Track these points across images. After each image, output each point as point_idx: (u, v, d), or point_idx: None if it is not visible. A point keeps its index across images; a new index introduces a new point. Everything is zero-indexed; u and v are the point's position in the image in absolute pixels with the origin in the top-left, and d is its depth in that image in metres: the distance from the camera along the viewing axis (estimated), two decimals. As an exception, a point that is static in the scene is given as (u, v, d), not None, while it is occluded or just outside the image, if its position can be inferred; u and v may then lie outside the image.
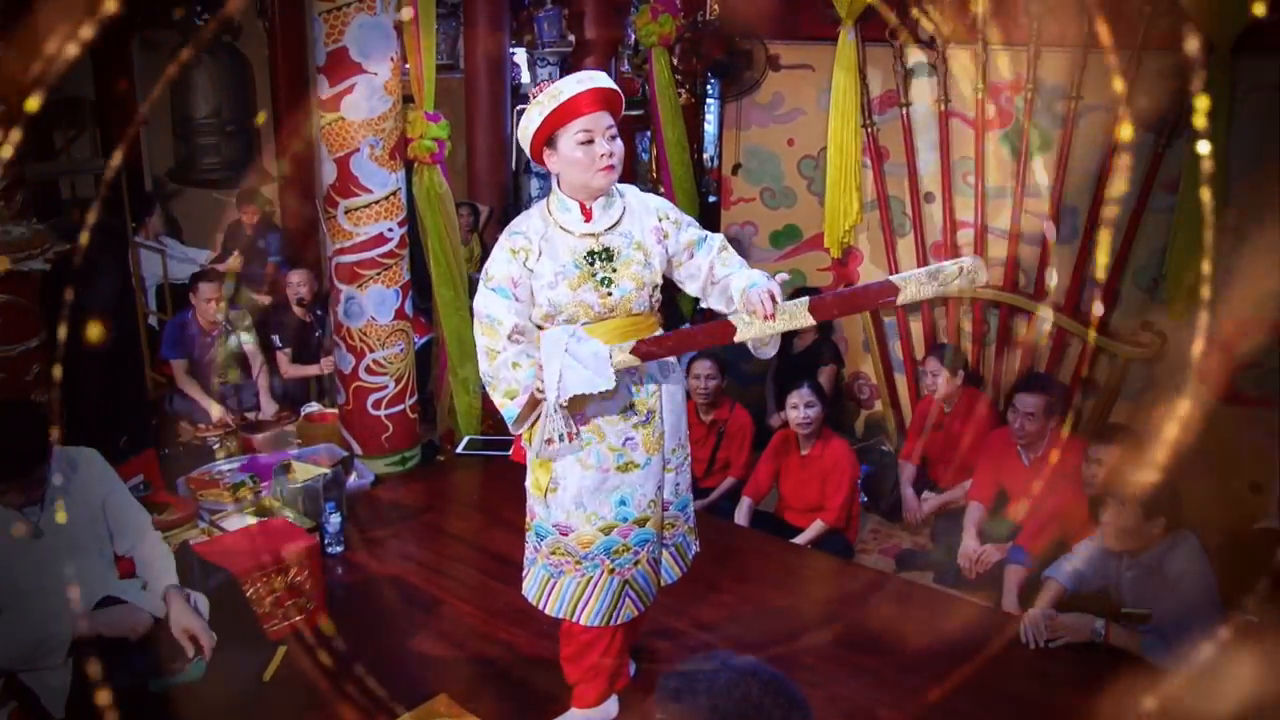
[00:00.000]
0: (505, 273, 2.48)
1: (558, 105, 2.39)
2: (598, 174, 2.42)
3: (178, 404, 5.05)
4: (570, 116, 2.39)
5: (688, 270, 2.60)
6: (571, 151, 2.42)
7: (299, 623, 3.32)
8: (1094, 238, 4.71)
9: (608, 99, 2.42)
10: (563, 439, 2.46)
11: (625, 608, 2.63)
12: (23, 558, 2.57)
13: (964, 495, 4.29)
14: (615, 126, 2.45)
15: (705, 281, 2.58)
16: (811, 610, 3.59)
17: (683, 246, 2.58)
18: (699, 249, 2.58)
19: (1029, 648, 3.19)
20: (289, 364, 5.47)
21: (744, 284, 2.41)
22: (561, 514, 2.58)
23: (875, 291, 2.37)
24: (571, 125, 2.40)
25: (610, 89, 2.43)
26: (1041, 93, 4.74)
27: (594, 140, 2.40)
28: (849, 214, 5.31)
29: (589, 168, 2.42)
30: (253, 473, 4.38)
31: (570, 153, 2.42)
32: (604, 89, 2.41)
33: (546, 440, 2.46)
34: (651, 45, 5.97)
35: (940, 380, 4.46)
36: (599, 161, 2.41)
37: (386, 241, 4.46)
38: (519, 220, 2.55)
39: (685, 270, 2.61)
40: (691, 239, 2.59)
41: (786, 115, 5.61)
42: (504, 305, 2.47)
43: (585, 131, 2.40)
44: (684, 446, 2.73)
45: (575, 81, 2.41)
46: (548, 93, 2.41)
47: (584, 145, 2.40)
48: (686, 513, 2.79)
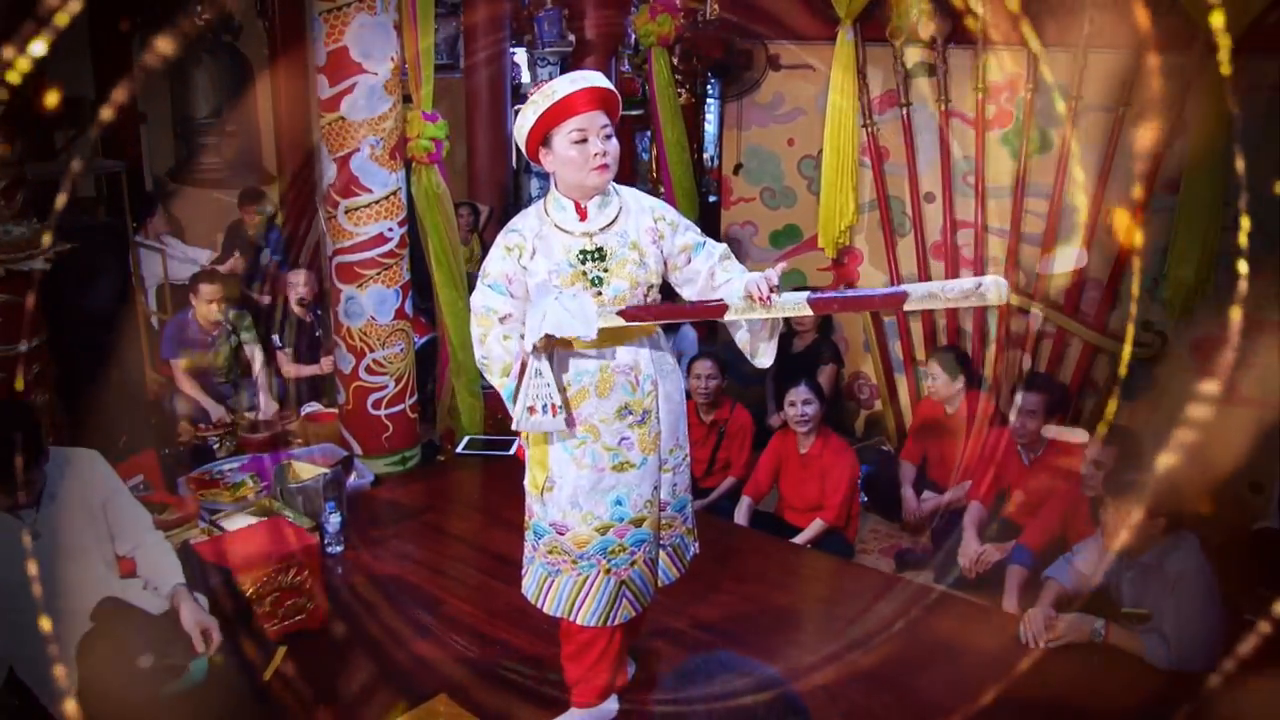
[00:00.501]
0: (500, 269, 2.50)
1: (551, 104, 2.39)
2: (591, 173, 2.43)
3: (178, 403, 5.05)
4: (564, 116, 2.40)
5: (685, 274, 2.60)
6: (566, 150, 2.43)
7: (299, 622, 3.32)
8: (1095, 238, 4.71)
9: (603, 99, 2.43)
10: (546, 410, 2.42)
11: (622, 608, 2.62)
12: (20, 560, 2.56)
13: (964, 495, 4.29)
14: (611, 126, 2.45)
15: (704, 287, 2.58)
16: (811, 610, 3.60)
17: (679, 249, 2.58)
18: (696, 253, 2.59)
19: (1029, 648, 3.19)
20: (289, 364, 5.47)
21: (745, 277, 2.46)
22: (558, 513, 2.58)
23: (882, 298, 2.38)
24: (566, 124, 2.41)
25: (605, 89, 2.43)
26: (1041, 92, 4.74)
27: (588, 139, 2.41)
28: (845, 214, 5.31)
29: (583, 167, 2.43)
30: (253, 472, 4.39)
31: (564, 151, 2.43)
32: (599, 88, 2.42)
33: (529, 408, 2.42)
34: (651, 45, 5.97)
35: (940, 384, 4.47)
36: (593, 160, 2.42)
37: (386, 241, 4.46)
38: (516, 219, 2.57)
39: (683, 274, 2.61)
40: (689, 242, 2.59)
41: (787, 115, 5.61)
42: (499, 300, 2.50)
43: (579, 131, 2.40)
44: (682, 447, 2.72)
45: (569, 81, 2.42)
46: (542, 92, 2.43)
47: (578, 144, 2.41)
48: (684, 514, 2.78)
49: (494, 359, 2.51)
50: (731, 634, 3.37)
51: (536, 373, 2.40)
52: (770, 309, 2.38)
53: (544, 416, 2.43)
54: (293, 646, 3.20)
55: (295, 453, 4.52)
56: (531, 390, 2.41)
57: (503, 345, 2.49)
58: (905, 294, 2.28)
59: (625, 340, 2.53)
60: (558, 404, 2.43)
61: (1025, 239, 4.92)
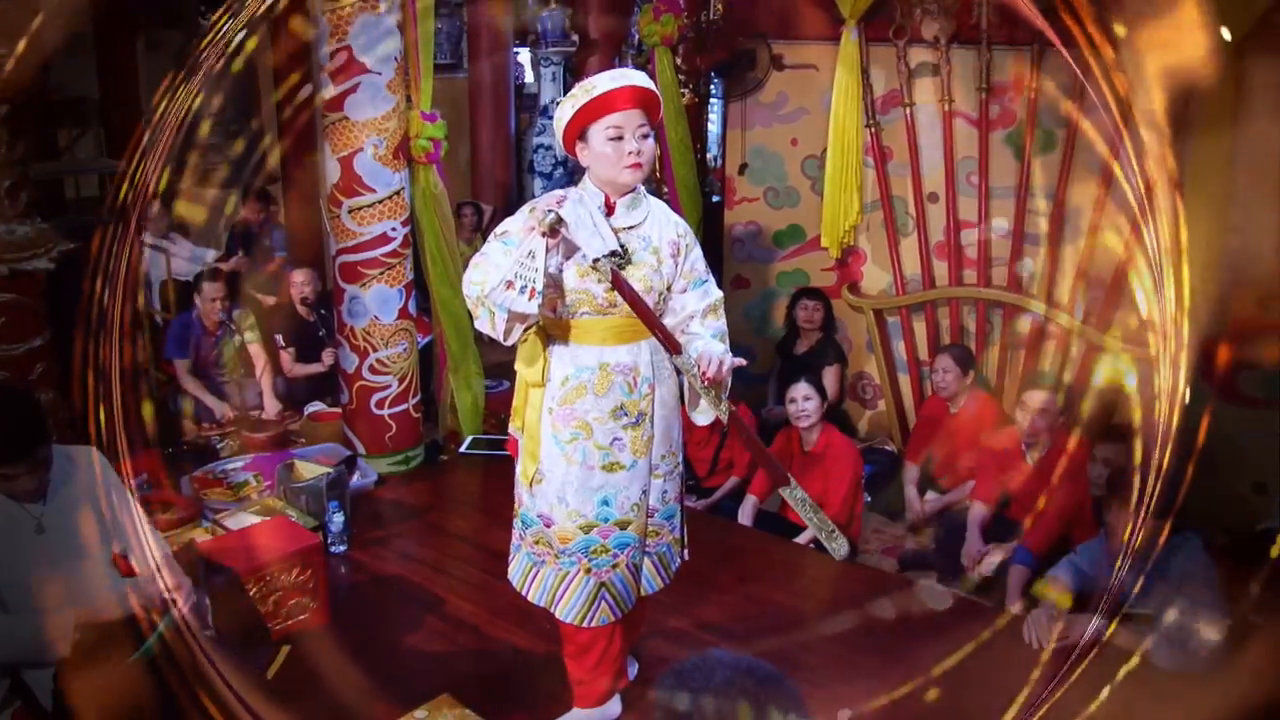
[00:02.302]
0: (519, 225, 2.45)
1: (590, 99, 2.41)
2: (624, 170, 2.45)
3: (181, 403, 5.06)
4: (603, 112, 2.42)
5: (674, 303, 2.61)
6: (601, 146, 2.44)
7: (302, 622, 3.33)
8: (1098, 238, 4.71)
9: (643, 99, 2.44)
10: (524, 290, 2.32)
11: (600, 611, 2.62)
12: (26, 553, 2.57)
13: (966, 495, 4.29)
14: (648, 126, 2.46)
15: (681, 322, 2.60)
16: (813, 610, 3.60)
17: (687, 272, 2.60)
18: (694, 287, 2.62)
19: (1032, 648, 3.18)
20: (293, 363, 5.47)
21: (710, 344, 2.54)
22: (545, 505, 2.60)
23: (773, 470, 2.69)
24: (602, 120, 2.42)
25: (646, 89, 2.44)
26: (1045, 92, 4.74)
27: (623, 137, 2.42)
28: (849, 214, 5.31)
29: (616, 163, 2.44)
30: (256, 472, 4.39)
31: (600, 147, 2.45)
32: (640, 88, 2.43)
33: (507, 281, 2.33)
34: (654, 45, 5.97)
35: (950, 378, 4.46)
36: (626, 159, 2.43)
37: (390, 241, 4.46)
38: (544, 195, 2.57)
39: (674, 301, 2.61)
40: (696, 272, 2.62)
41: (790, 115, 5.60)
42: (502, 250, 2.43)
43: (615, 128, 2.42)
44: (675, 454, 2.71)
45: (610, 78, 2.44)
46: (582, 86, 2.46)
47: (613, 141, 2.43)
48: (673, 523, 2.76)
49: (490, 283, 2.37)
50: (733, 634, 3.37)
51: (530, 254, 2.34)
52: (702, 387, 2.47)
53: (519, 295, 2.33)
54: (296, 646, 3.20)
55: (298, 452, 4.53)
56: (519, 269, 2.34)
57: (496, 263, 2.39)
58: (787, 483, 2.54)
59: (626, 340, 2.53)
60: (537, 288, 2.33)
61: (1028, 239, 4.91)
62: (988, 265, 5.05)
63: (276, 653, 3.15)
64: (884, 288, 5.45)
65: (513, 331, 2.45)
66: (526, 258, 2.34)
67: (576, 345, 2.53)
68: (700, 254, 2.66)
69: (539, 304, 2.35)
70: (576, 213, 2.41)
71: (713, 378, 2.43)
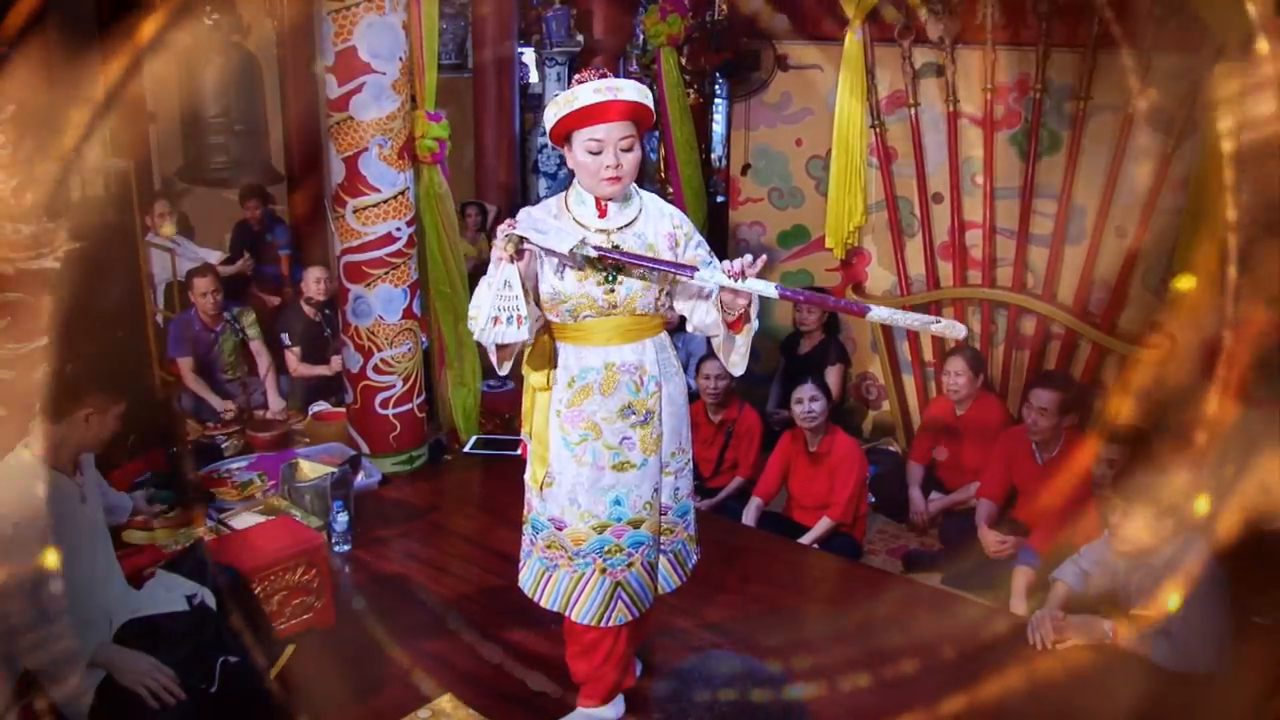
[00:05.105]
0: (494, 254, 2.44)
1: (570, 111, 2.38)
2: (602, 183, 2.44)
3: (186, 402, 5.07)
4: (584, 124, 2.39)
5: (683, 287, 2.57)
6: (581, 157, 2.43)
7: (306, 621, 3.33)
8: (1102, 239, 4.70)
9: (628, 111, 2.39)
10: (511, 321, 2.36)
11: (617, 610, 2.61)
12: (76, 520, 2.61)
13: (971, 496, 4.29)
14: (633, 137, 2.43)
15: (697, 295, 2.55)
16: (818, 611, 3.59)
17: (688, 259, 2.57)
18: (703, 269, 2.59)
19: (1037, 649, 3.18)
20: (299, 363, 5.48)
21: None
22: (556, 508, 2.59)
23: (846, 305, 2.63)
24: (584, 132, 2.40)
25: (631, 101, 2.38)
26: (1050, 93, 4.73)
27: (602, 151, 2.40)
28: (853, 214, 5.30)
29: (594, 175, 2.43)
30: (261, 471, 4.40)
31: (580, 157, 2.44)
32: (623, 101, 2.38)
33: (493, 318, 2.37)
34: (660, 45, 5.98)
35: (963, 381, 4.45)
36: (604, 172, 2.42)
37: (395, 241, 4.47)
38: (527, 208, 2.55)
39: (681, 286, 2.57)
40: (699, 257, 2.58)
41: (795, 115, 5.60)
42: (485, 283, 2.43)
43: (596, 141, 2.39)
44: (685, 451, 2.71)
45: (592, 90, 2.37)
46: (565, 95, 2.41)
47: (593, 155, 2.41)
48: (686, 520, 2.76)
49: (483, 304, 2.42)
50: (737, 634, 3.37)
51: (505, 284, 2.35)
52: (738, 282, 2.34)
53: (509, 327, 2.36)
54: (300, 645, 3.20)
55: (303, 451, 4.53)
56: (500, 301, 2.36)
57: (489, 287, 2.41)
58: (867, 309, 2.36)
59: (631, 340, 2.53)
60: (523, 315, 2.36)
61: (1033, 240, 4.90)
62: (992, 266, 5.04)
63: (281, 652, 3.15)
64: (889, 288, 5.45)
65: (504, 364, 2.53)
66: (504, 288, 2.36)
67: (581, 347, 2.53)
68: (701, 239, 2.62)
69: (530, 327, 2.39)
70: (534, 220, 2.42)
71: (739, 271, 2.33)
